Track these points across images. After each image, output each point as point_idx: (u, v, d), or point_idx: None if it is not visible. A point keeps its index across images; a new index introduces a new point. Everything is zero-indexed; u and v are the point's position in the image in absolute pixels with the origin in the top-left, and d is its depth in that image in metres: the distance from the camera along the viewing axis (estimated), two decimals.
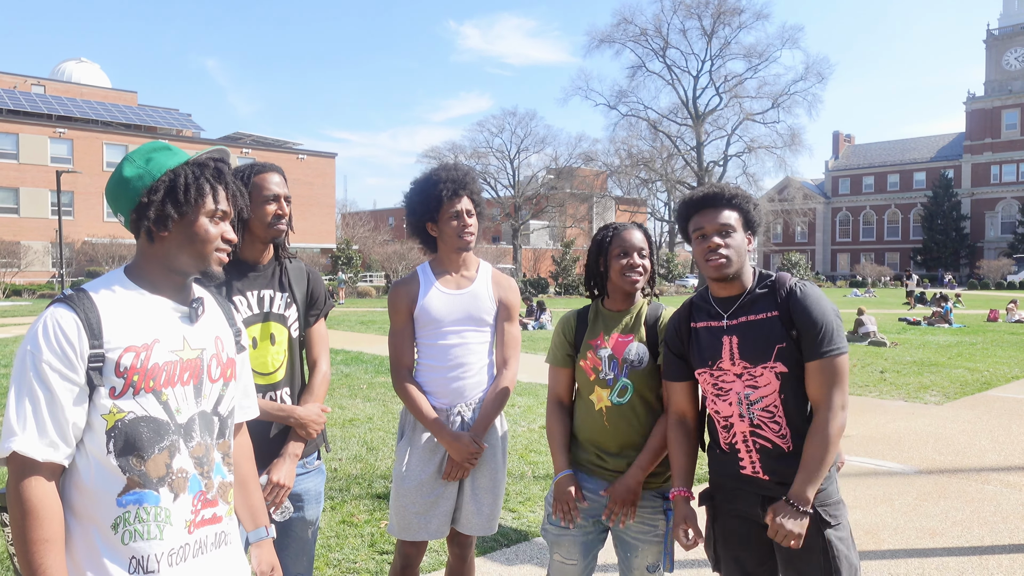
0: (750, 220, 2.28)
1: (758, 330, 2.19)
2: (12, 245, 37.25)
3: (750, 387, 2.19)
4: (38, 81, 50.69)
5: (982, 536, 4.55)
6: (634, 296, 2.59)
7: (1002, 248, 65.34)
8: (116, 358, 1.54)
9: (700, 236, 2.24)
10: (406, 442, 2.79)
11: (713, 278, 2.24)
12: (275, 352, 2.47)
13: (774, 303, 2.20)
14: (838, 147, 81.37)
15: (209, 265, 1.67)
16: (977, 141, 69.33)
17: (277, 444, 2.45)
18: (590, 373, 2.53)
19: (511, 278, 2.93)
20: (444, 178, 2.75)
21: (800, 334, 2.14)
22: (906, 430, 7.57)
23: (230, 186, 1.70)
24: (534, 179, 58.83)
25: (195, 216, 1.63)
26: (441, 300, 2.76)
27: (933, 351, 14.36)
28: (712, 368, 2.25)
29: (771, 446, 2.19)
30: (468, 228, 2.75)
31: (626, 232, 2.53)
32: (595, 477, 2.54)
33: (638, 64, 54.85)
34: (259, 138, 53.45)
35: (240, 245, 2.45)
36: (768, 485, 2.20)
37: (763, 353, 2.16)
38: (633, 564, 2.54)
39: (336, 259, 42.25)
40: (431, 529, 2.73)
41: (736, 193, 2.26)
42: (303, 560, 2.56)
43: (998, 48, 68.58)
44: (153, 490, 1.56)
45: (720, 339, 2.24)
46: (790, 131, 53.00)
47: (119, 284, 1.64)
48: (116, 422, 1.54)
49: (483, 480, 2.78)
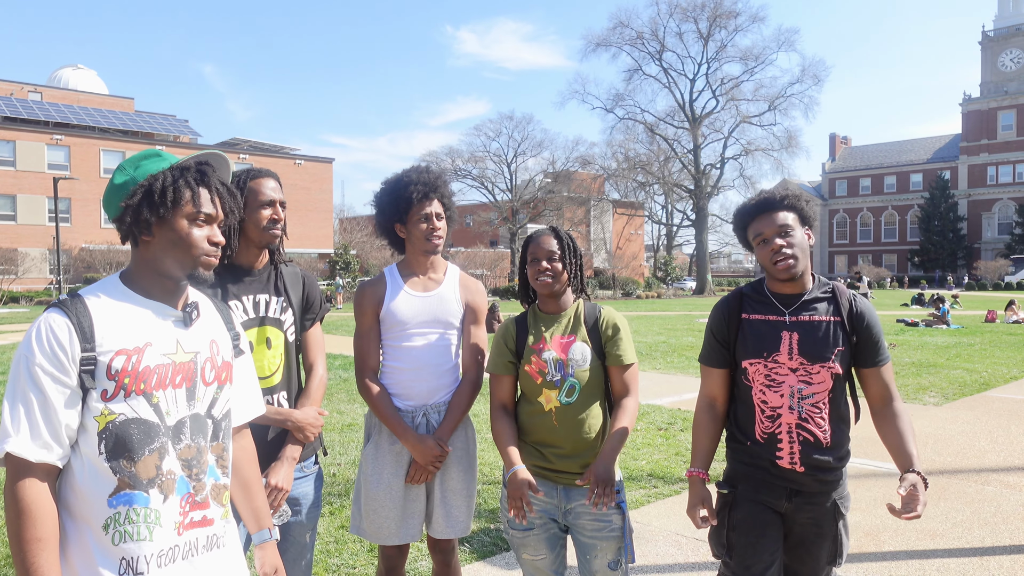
0: (806, 217, 2.38)
1: (821, 331, 2.31)
2: (9, 252, 37.19)
3: (804, 382, 2.30)
4: (35, 88, 50.68)
5: (983, 537, 4.54)
6: (561, 298, 2.63)
7: (999, 249, 65.48)
8: (108, 361, 1.57)
9: (762, 241, 2.34)
10: (372, 445, 2.78)
11: (783, 279, 2.33)
12: (271, 356, 2.47)
13: (837, 309, 2.34)
14: (835, 149, 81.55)
15: (195, 268, 1.69)
16: (973, 142, 69.52)
17: (274, 448, 2.45)
18: (536, 377, 2.56)
19: (478, 281, 2.95)
20: (415, 180, 2.75)
21: (859, 342, 2.33)
22: None
23: (215, 189, 1.71)
24: (531, 183, 58.88)
25: (174, 219, 1.66)
26: (408, 302, 2.75)
27: (931, 352, 14.37)
28: (767, 360, 2.34)
29: (813, 439, 2.31)
30: (437, 231, 2.75)
31: (538, 238, 2.62)
32: (541, 479, 2.57)
33: (635, 67, 55.00)
34: (256, 143, 53.44)
35: (235, 250, 2.45)
36: (799, 477, 2.32)
37: (823, 353, 2.29)
38: (594, 566, 2.54)
39: (334, 264, 42.21)
40: (403, 533, 2.72)
41: (788, 194, 2.36)
42: (301, 564, 2.56)
43: (993, 49, 68.82)
44: (143, 491, 1.58)
45: (779, 333, 2.34)
46: (787, 133, 53.10)
47: (114, 289, 1.67)
48: (107, 424, 1.57)
49: (453, 483, 2.77)
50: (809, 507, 2.35)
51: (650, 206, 62.72)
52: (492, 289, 42.95)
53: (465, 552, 4.24)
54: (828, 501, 2.36)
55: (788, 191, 2.38)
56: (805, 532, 2.38)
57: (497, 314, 22.47)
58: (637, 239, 69.15)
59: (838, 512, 2.36)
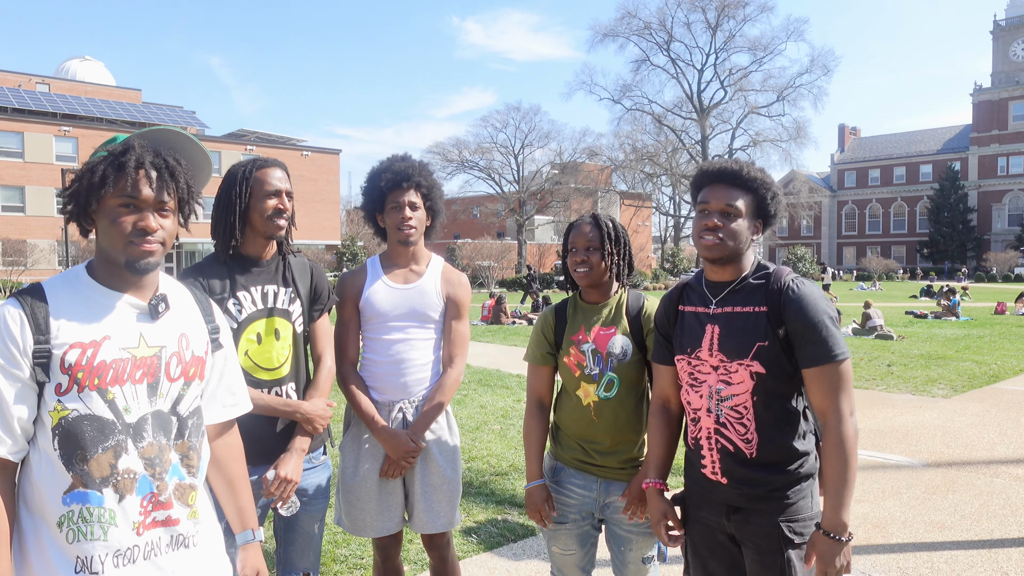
0: (763, 208, 2.10)
1: (742, 323, 2.04)
2: (18, 243, 37.35)
3: (723, 382, 2.05)
4: (42, 80, 50.77)
5: (991, 529, 4.53)
6: (608, 287, 2.53)
7: (1009, 240, 64.99)
8: (61, 354, 1.52)
9: (703, 210, 2.09)
10: (350, 437, 2.76)
11: (703, 257, 2.11)
12: (280, 347, 2.46)
13: (765, 297, 2.03)
14: (844, 140, 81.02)
15: (125, 256, 1.57)
16: (984, 133, 68.93)
17: (283, 440, 2.45)
18: (575, 369, 2.48)
19: (462, 274, 2.90)
20: (386, 168, 2.73)
21: (789, 335, 1.98)
22: (914, 423, 7.53)
23: (149, 169, 1.57)
24: (538, 174, 58.71)
25: (100, 206, 1.57)
26: (386, 294, 2.73)
27: (940, 344, 14.29)
28: (690, 356, 2.13)
29: (732, 448, 2.04)
30: (408, 221, 2.70)
31: (577, 227, 2.52)
32: (583, 473, 2.49)
33: (642, 58, 54.75)
34: (263, 135, 53.48)
35: (242, 240, 2.44)
36: (727, 491, 2.07)
37: (742, 348, 2.01)
38: (628, 558, 2.50)
39: (341, 255, 42.31)
40: (379, 526, 2.71)
41: (755, 176, 2.07)
42: (310, 555, 2.56)
43: (1005, 39, 68.12)
44: (96, 490, 1.53)
45: (704, 326, 2.10)
46: (795, 124, 52.84)
47: (76, 280, 1.61)
48: (60, 419, 1.52)
49: (433, 477, 2.73)
50: (748, 528, 2.05)
51: (658, 197, 62.52)
52: (499, 280, 42.93)
53: (473, 543, 4.25)
54: (769, 523, 2.01)
55: (759, 172, 2.07)
56: (751, 562, 2.07)
57: (504, 306, 22.36)
58: (644, 230, 68.97)
59: (784, 540, 1.99)
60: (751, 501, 2.04)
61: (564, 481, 2.52)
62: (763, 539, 2.02)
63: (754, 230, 2.10)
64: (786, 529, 2.00)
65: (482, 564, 3.98)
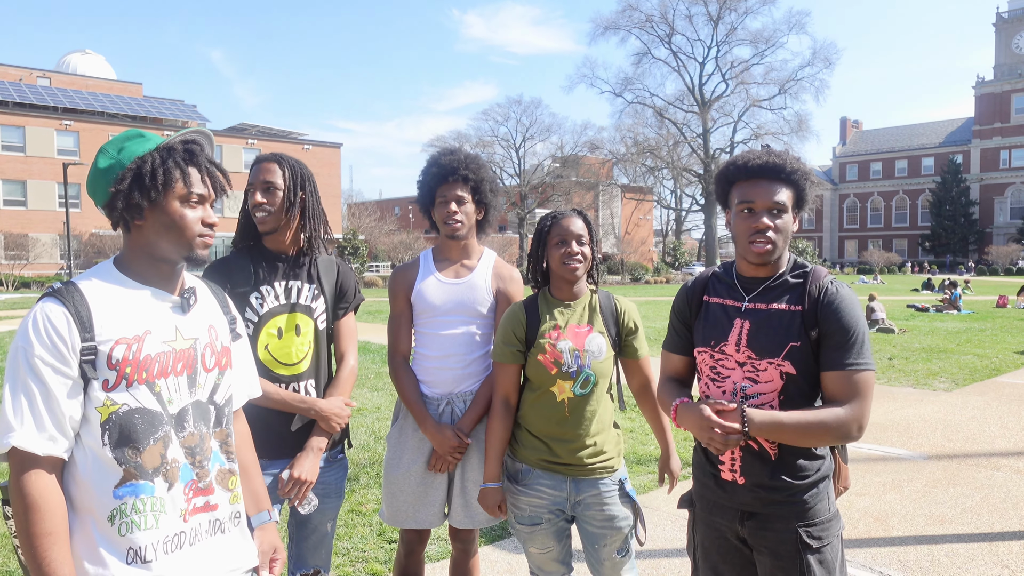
0: (803, 199, 2.02)
1: (776, 321, 1.97)
2: (20, 238, 37.43)
3: (749, 379, 1.98)
4: (43, 73, 50.71)
5: (992, 523, 4.53)
6: (583, 284, 2.54)
7: (1011, 234, 64.93)
8: (108, 351, 1.54)
9: (747, 210, 1.98)
10: (397, 429, 2.77)
11: (753, 262, 2.00)
12: (300, 343, 2.45)
13: (802, 297, 1.96)
14: (845, 133, 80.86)
15: (192, 250, 1.65)
16: (986, 126, 68.77)
17: (299, 438, 2.43)
18: (551, 367, 2.44)
19: (515, 269, 2.89)
20: (435, 162, 2.73)
21: (822, 337, 1.93)
22: (915, 417, 7.54)
23: (205, 167, 1.66)
24: (540, 167, 58.67)
25: (166, 202, 1.61)
26: (437, 288, 2.73)
27: (942, 337, 14.30)
28: (713, 349, 2.06)
29: (757, 447, 1.99)
30: (454, 215, 2.68)
31: (565, 220, 2.47)
32: (551, 473, 2.48)
33: (644, 51, 54.65)
34: (264, 128, 53.40)
35: (257, 236, 2.48)
36: (744, 495, 2.02)
37: (774, 347, 1.95)
38: (602, 554, 2.51)
39: (342, 249, 42.27)
40: (420, 518, 2.71)
41: (797, 168, 1.97)
42: (322, 552, 2.57)
43: (1007, 31, 67.88)
44: (149, 481, 1.56)
45: (732, 320, 2.03)
46: (797, 117, 52.79)
47: (108, 276, 1.63)
48: (111, 415, 1.54)
49: (475, 474, 2.72)
50: (764, 534, 2.00)
51: (659, 191, 62.47)
52: None
53: None
54: (787, 529, 1.97)
55: (799, 164, 1.99)
56: (766, 567, 2.02)
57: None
58: (646, 224, 68.92)
59: (803, 544, 1.95)
60: (768, 506, 2.00)
61: (532, 483, 2.49)
62: (780, 544, 1.98)
63: (793, 220, 2.03)
64: (804, 534, 1.96)
65: (483, 557, 3.99)
